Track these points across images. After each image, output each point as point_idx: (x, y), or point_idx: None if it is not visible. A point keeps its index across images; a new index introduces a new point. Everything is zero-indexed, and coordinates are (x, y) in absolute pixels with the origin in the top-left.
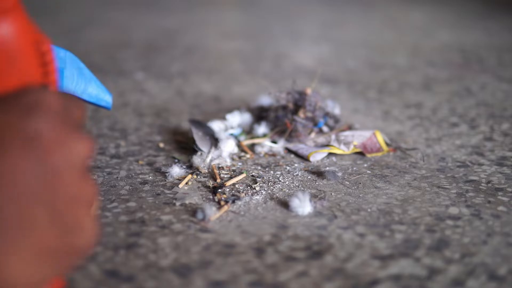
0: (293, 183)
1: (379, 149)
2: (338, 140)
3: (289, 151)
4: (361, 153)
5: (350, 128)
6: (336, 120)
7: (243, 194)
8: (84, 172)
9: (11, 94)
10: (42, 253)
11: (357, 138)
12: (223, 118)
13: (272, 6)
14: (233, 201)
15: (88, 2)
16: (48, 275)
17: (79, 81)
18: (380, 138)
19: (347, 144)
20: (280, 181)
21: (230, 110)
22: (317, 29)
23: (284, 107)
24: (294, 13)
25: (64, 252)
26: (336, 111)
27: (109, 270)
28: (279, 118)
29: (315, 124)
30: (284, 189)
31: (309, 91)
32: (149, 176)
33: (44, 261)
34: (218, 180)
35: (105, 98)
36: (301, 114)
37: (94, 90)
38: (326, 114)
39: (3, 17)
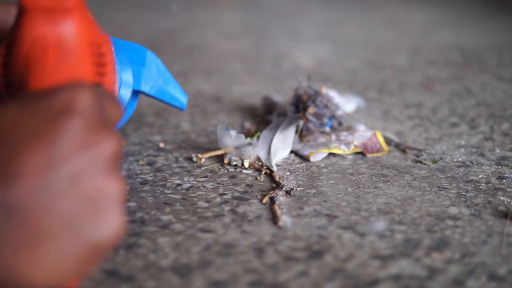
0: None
1: (380, 149)
2: (338, 140)
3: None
4: (361, 153)
5: (350, 128)
6: (340, 123)
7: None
8: (110, 171)
9: (45, 92)
10: (63, 259)
11: (358, 138)
12: (222, 118)
13: (272, 6)
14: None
15: (88, 2)
16: (69, 276)
17: (157, 80)
18: (381, 138)
19: (347, 144)
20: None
21: (230, 110)
22: (317, 29)
23: (296, 101)
24: (294, 13)
25: (86, 256)
26: (340, 113)
27: (109, 270)
28: (287, 114)
29: (322, 123)
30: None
31: (324, 90)
32: (149, 176)
33: (65, 265)
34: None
35: (181, 99)
36: (310, 111)
37: (171, 90)
38: (333, 116)
39: (63, 15)
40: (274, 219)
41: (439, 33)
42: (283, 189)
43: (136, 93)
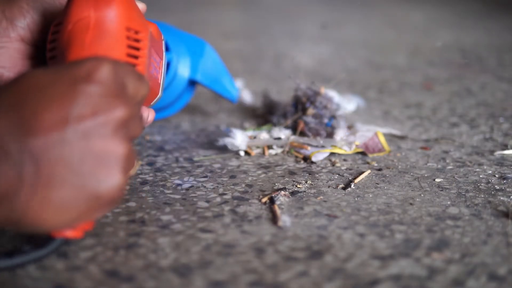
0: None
1: (381, 149)
2: (339, 140)
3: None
4: (362, 153)
5: (351, 128)
6: (340, 122)
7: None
8: (118, 135)
9: (74, 62)
10: (69, 204)
11: (359, 138)
12: (223, 118)
13: (272, 6)
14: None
15: None
16: (74, 221)
17: (213, 72)
18: (382, 138)
19: (349, 144)
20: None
21: (230, 110)
22: (317, 29)
23: (296, 102)
24: (294, 13)
25: (89, 204)
26: (340, 113)
27: (109, 270)
28: (287, 115)
29: (322, 123)
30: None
31: (323, 90)
32: (149, 176)
33: (71, 210)
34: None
35: (232, 91)
36: (309, 112)
37: (224, 83)
38: (333, 116)
39: (106, 2)
40: (274, 219)
41: (439, 33)
42: (288, 190)
43: (193, 84)
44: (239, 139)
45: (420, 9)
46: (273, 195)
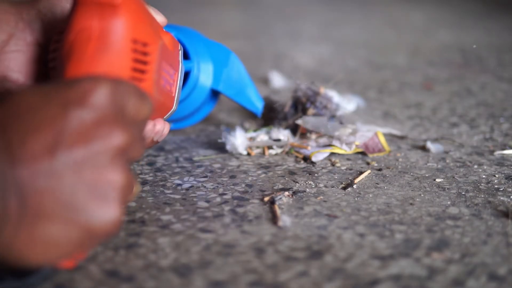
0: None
1: (381, 149)
2: (340, 140)
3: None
4: (362, 153)
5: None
6: (341, 123)
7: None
8: (115, 164)
9: (68, 81)
10: (58, 240)
11: (359, 138)
12: (222, 118)
13: (272, 6)
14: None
15: None
16: (62, 257)
17: (236, 83)
18: (382, 138)
19: (349, 144)
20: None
21: (230, 110)
22: (317, 29)
23: (295, 102)
24: (294, 13)
25: (81, 240)
26: (340, 113)
27: (109, 270)
28: (287, 116)
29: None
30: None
31: (322, 90)
32: (149, 176)
33: (59, 247)
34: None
35: (257, 104)
36: (309, 112)
37: (248, 94)
38: (333, 117)
39: (111, 11)
40: (274, 219)
41: (439, 33)
42: (290, 191)
43: (216, 94)
44: (239, 140)
45: (420, 9)
46: (275, 196)
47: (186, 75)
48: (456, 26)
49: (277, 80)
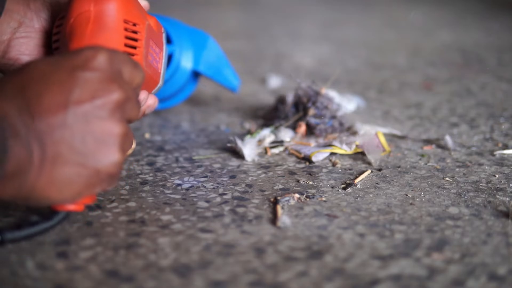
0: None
1: (381, 150)
2: (340, 140)
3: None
4: (363, 153)
5: (351, 128)
6: (341, 123)
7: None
8: (115, 116)
9: (73, 51)
10: (72, 180)
11: (359, 138)
12: (223, 118)
13: (272, 6)
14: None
15: None
16: (77, 195)
17: (215, 63)
18: (382, 138)
19: (349, 144)
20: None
21: (230, 110)
22: (317, 29)
23: (297, 102)
24: (294, 13)
25: (90, 180)
26: (341, 113)
27: (109, 270)
28: (288, 115)
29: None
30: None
31: (323, 91)
32: (149, 176)
33: (74, 186)
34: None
35: (234, 82)
36: (310, 113)
37: (226, 73)
38: (333, 117)
39: None
40: (274, 219)
41: (439, 33)
42: (305, 195)
43: (196, 75)
44: (248, 150)
45: (420, 9)
46: (281, 198)
47: (170, 58)
48: (456, 26)
49: (274, 81)
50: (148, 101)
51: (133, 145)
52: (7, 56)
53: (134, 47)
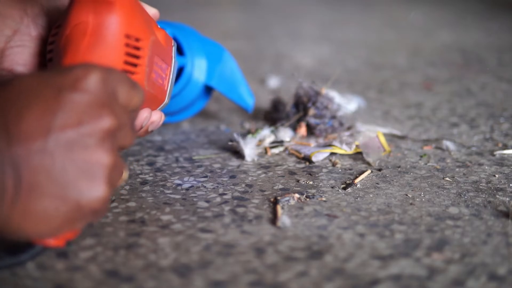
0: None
1: (381, 150)
2: (340, 140)
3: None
4: (362, 153)
5: (352, 128)
6: (341, 123)
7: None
8: (103, 146)
9: (63, 68)
10: (50, 214)
11: (359, 138)
12: (222, 118)
13: (272, 6)
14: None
15: None
16: (55, 231)
17: (229, 79)
18: (382, 138)
19: (349, 144)
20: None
21: (230, 110)
22: (317, 29)
23: (297, 101)
24: (294, 13)
25: (71, 215)
26: (341, 113)
27: (109, 270)
28: (289, 115)
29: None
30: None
31: (324, 91)
32: (149, 176)
33: (52, 220)
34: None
35: (248, 100)
36: (310, 113)
37: (240, 91)
38: (333, 117)
39: (106, 7)
40: (274, 219)
41: (439, 33)
42: (305, 195)
43: (209, 90)
44: (248, 150)
45: (420, 9)
46: (281, 198)
47: (181, 70)
48: (456, 26)
49: (274, 81)
50: (152, 117)
51: (125, 175)
52: (0, 67)
53: (135, 65)
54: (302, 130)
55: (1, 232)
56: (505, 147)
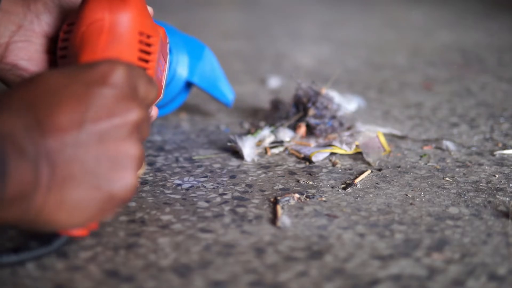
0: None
1: (381, 150)
2: (340, 140)
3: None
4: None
5: (352, 128)
6: (341, 123)
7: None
8: (132, 137)
9: (89, 64)
10: (83, 204)
11: (359, 138)
12: (223, 118)
13: (272, 6)
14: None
15: None
16: (87, 220)
17: (210, 75)
18: (382, 138)
19: (349, 144)
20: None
21: (230, 110)
22: (317, 29)
23: (297, 102)
24: (294, 13)
25: (103, 204)
26: (341, 113)
27: (109, 270)
28: (289, 115)
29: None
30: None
31: (323, 91)
32: (149, 176)
33: (84, 210)
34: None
35: (228, 96)
36: (310, 113)
37: (220, 86)
38: (333, 117)
39: (121, 5)
40: (274, 219)
41: (439, 33)
42: (305, 195)
43: (189, 85)
44: (247, 150)
45: (420, 9)
46: (281, 198)
47: None
48: (456, 26)
49: (274, 81)
50: (152, 112)
51: (143, 169)
52: (4, 61)
53: (147, 61)
54: (302, 130)
55: (34, 224)
56: (505, 147)
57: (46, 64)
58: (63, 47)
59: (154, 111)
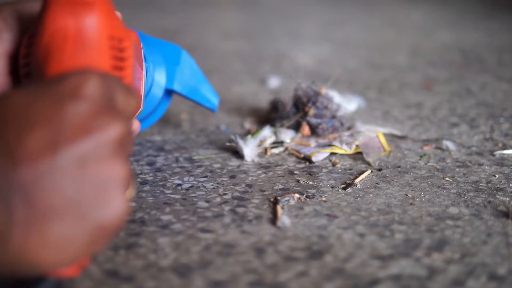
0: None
1: (382, 150)
2: (340, 140)
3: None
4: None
5: (352, 128)
6: (341, 123)
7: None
8: (116, 155)
9: (56, 77)
10: (69, 239)
11: (359, 138)
12: (222, 118)
13: (272, 6)
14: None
15: None
16: (76, 256)
17: (190, 80)
18: (382, 138)
19: (349, 144)
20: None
21: (230, 110)
22: (317, 29)
23: (297, 102)
24: (294, 13)
25: (92, 236)
26: (341, 113)
27: (109, 270)
28: (289, 115)
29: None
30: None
31: (323, 91)
32: (149, 176)
33: (71, 246)
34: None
35: (212, 100)
36: (310, 113)
37: (203, 91)
38: (333, 117)
39: (85, 8)
40: (274, 219)
41: (439, 33)
42: (305, 195)
43: (169, 92)
44: (248, 150)
45: (420, 9)
46: (281, 198)
47: None
48: (456, 26)
49: (274, 81)
50: (133, 126)
51: (133, 189)
52: None
53: (121, 68)
54: (306, 130)
55: (13, 267)
56: (505, 147)
57: (8, 87)
58: (25, 64)
59: (135, 125)
